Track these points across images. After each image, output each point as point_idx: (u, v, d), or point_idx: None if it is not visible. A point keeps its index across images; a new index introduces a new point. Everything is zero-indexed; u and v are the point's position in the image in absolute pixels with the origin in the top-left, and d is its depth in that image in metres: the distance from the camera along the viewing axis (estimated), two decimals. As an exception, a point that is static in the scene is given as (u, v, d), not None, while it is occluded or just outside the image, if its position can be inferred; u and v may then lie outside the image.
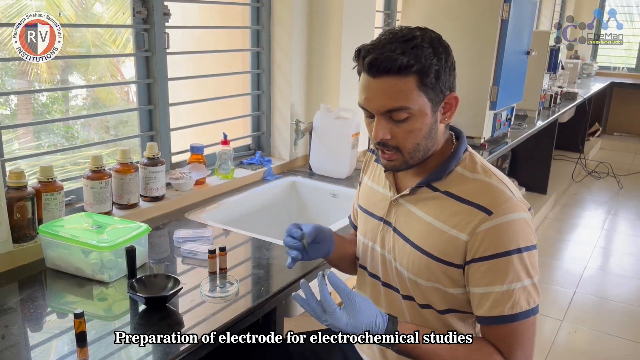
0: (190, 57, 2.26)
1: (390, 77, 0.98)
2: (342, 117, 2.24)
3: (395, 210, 1.14)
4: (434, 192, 1.09)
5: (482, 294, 1.02)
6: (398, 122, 1.01)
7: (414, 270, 1.08)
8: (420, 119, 1.02)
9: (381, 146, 1.06)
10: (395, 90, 0.98)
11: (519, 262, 1.00)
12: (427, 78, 0.99)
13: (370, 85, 1.00)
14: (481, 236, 1.00)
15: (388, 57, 0.96)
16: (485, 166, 1.10)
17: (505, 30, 2.64)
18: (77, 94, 2.49)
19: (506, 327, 1.01)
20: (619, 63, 7.08)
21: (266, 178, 2.20)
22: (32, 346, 1.10)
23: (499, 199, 1.02)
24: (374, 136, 1.04)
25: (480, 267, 1.01)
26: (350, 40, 2.35)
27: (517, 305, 1.00)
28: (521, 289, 1.00)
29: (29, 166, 1.69)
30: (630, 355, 2.52)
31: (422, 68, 0.97)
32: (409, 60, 0.96)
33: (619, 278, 3.34)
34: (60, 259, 1.35)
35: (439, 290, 1.07)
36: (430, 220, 1.07)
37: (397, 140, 1.03)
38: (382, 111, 1.01)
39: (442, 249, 1.05)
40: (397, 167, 1.08)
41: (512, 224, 1.00)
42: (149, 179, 1.74)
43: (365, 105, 1.04)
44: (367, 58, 0.98)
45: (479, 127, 2.79)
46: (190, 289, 1.31)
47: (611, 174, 5.34)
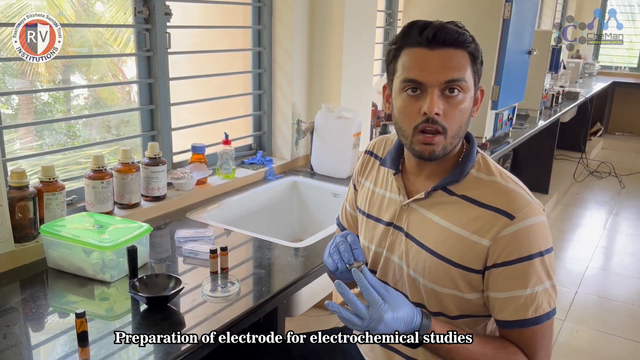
0: (191, 57, 2.26)
1: (451, 49, 0.99)
2: (343, 116, 2.24)
3: (407, 215, 1.11)
4: (450, 196, 1.06)
5: (504, 298, 1.01)
6: (451, 97, 1.00)
7: (431, 276, 1.06)
8: (468, 100, 1.03)
9: (428, 124, 1.01)
10: (456, 62, 1.00)
11: (541, 266, 1.00)
12: (477, 59, 1.03)
13: (428, 57, 1.00)
14: (504, 241, 0.99)
15: (452, 30, 0.99)
16: (500, 169, 1.09)
17: (507, 30, 2.64)
18: (79, 94, 2.49)
19: (529, 330, 1.01)
20: (620, 63, 7.07)
21: (267, 178, 2.20)
22: (33, 346, 1.10)
23: (519, 203, 1.01)
24: (428, 109, 0.99)
25: (503, 272, 1.00)
26: (351, 40, 2.35)
27: (540, 308, 1.00)
28: (543, 291, 1.00)
29: (30, 165, 1.69)
30: (632, 355, 2.52)
31: (475, 48, 1.02)
32: (469, 37, 1.01)
33: (620, 278, 3.33)
34: (61, 259, 1.35)
35: (455, 296, 1.06)
36: (448, 225, 1.05)
37: (447, 118, 1.01)
38: (442, 81, 0.99)
39: (461, 255, 1.03)
40: (436, 152, 1.03)
41: (533, 227, 0.99)
42: (150, 178, 1.75)
43: (421, 77, 1.00)
44: (428, 30, 0.99)
45: (480, 127, 2.79)
46: (191, 288, 1.31)
47: (613, 174, 5.34)
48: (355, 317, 0.95)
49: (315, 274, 1.44)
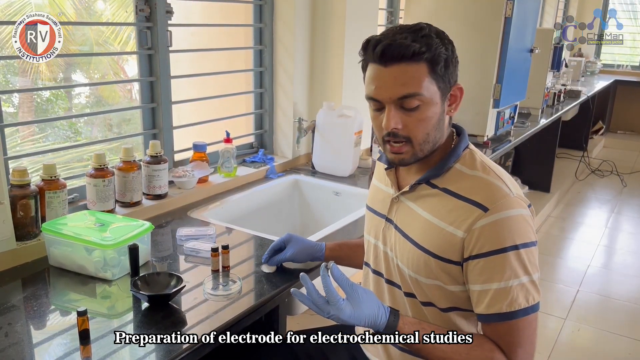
0: (193, 55, 2.26)
1: (402, 64, 0.99)
2: (345, 115, 2.23)
3: (397, 207, 1.15)
4: (432, 189, 1.09)
5: (479, 291, 1.02)
6: (409, 110, 1.01)
7: (414, 267, 1.09)
8: (431, 108, 1.02)
9: (391, 137, 1.04)
10: (408, 77, 0.99)
11: (516, 259, 0.99)
12: (437, 66, 1.01)
13: (382, 74, 1.01)
14: (477, 233, 1.00)
15: (401, 44, 0.98)
16: (485, 163, 1.10)
17: (509, 28, 2.63)
18: (80, 92, 2.49)
19: (505, 324, 1.01)
20: (622, 61, 7.06)
21: (269, 176, 2.20)
22: (35, 344, 1.10)
23: (495, 196, 1.02)
24: (385, 125, 1.02)
25: (478, 264, 1.01)
26: (353, 38, 2.35)
27: (515, 302, 1.00)
28: (519, 286, 1.00)
29: (31, 163, 1.69)
30: (633, 354, 2.52)
31: (432, 56, 1.00)
32: (421, 47, 0.98)
33: (622, 277, 3.33)
34: (63, 257, 1.35)
35: (439, 287, 1.07)
36: (429, 218, 1.07)
37: (409, 129, 1.03)
38: (395, 98, 1.01)
39: (440, 246, 1.05)
40: (405, 160, 1.07)
41: (509, 220, 1.00)
42: (151, 177, 1.75)
43: (376, 95, 1.03)
44: (379, 47, 0.99)
45: (482, 125, 2.78)
46: (193, 287, 1.31)
47: (615, 172, 5.33)
48: (316, 307, 1.03)
49: (316, 273, 1.44)
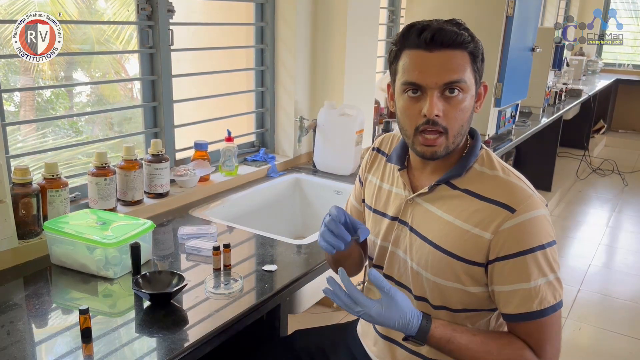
0: (194, 54, 2.26)
1: (449, 50, 0.99)
2: (346, 113, 2.23)
3: (412, 209, 1.13)
4: (453, 190, 1.08)
5: (508, 292, 1.02)
6: (450, 98, 1.01)
7: (434, 270, 1.07)
8: (469, 97, 1.03)
9: (429, 125, 1.02)
10: (455, 63, 1.00)
11: (543, 259, 1.00)
12: (477, 58, 1.03)
13: (427, 60, 1.00)
14: (505, 234, 1.00)
15: (451, 31, 0.99)
16: (502, 163, 1.10)
17: (510, 27, 2.63)
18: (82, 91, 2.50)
19: (535, 322, 1.02)
20: (624, 60, 7.05)
21: (270, 175, 2.20)
22: (37, 342, 1.10)
23: (520, 197, 1.02)
24: (428, 111, 1.00)
25: (506, 266, 1.01)
26: (354, 37, 2.34)
27: (545, 300, 1.01)
28: (547, 284, 1.01)
29: (33, 160, 1.69)
30: (634, 353, 2.52)
31: (475, 47, 1.02)
32: (467, 37, 1.01)
33: (623, 275, 3.33)
34: (65, 256, 1.36)
35: (458, 290, 1.07)
36: (451, 219, 1.06)
37: (448, 119, 1.02)
38: (441, 84, 1.00)
39: (464, 248, 1.04)
40: (438, 153, 1.04)
41: (535, 221, 1.00)
42: (153, 175, 1.75)
43: (420, 80, 1.01)
44: (426, 32, 0.99)
45: (483, 124, 2.78)
46: (194, 285, 1.31)
47: (616, 171, 5.33)
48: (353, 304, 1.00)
49: (318, 271, 1.44)
